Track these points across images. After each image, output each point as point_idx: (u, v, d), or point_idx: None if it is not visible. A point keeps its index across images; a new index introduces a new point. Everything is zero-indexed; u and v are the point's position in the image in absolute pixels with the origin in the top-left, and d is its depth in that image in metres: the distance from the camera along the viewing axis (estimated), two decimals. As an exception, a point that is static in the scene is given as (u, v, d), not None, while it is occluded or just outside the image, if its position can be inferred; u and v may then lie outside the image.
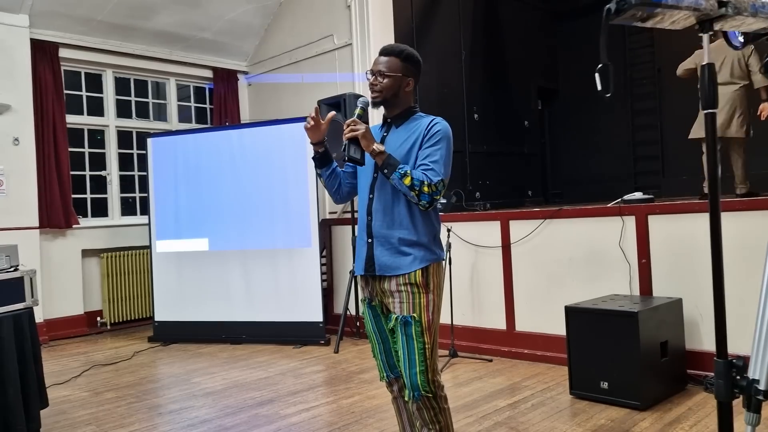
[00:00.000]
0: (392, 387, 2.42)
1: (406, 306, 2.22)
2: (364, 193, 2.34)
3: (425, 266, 2.25)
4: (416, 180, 2.14)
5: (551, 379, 4.04)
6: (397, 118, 2.34)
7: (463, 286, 4.91)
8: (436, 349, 2.28)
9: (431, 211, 2.28)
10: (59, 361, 5.12)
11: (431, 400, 2.24)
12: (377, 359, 2.42)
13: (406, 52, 2.32)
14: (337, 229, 6.08)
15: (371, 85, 2.30)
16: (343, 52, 6.23)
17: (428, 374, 2.22)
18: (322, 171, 2.41)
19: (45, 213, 5.99)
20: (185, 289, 5.82)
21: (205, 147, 5.86)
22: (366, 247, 2.30)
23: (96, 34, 6.41)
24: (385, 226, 2.26)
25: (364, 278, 2.36)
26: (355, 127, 2.17)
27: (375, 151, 2.17)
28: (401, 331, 2.23)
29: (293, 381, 4.29)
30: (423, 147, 2.24)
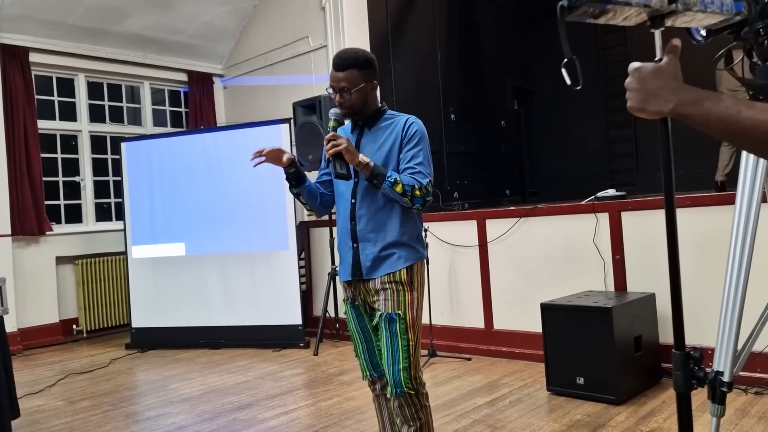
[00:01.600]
0: (374, 386, 2.43)
1: (391, 303, 2.24)
2: (344, 198, 2.33)
3: (410, 265, 2.27)
4: (407, 186, 2.15)
5: (529, 376, 4.07)
6: (369, 121, 2.34)
7: (441, 286, 4.92)
8: (419, 346, 2.30)
9: (413, 211, 2.29)
10: (33, 371, 5.03)
11: (413, 397, 2.26)
12: (360, 358, 2.42)
13: (362, 59, 2.26)
14: (315, 231, 6.07)
15: (338, 103, 2.27)
16: (318, 53, 6.22)
17: (411, 371, 2.24)
18: (300, 189, 2.38)
19: (17, 220, 5.89)
20: (162, 294, 5.76)
21: (181, 151, 5.81)
22: (351, 252, 2.30)
23: (67, 38, 6.32)
24: (369, 229, 2.27)
25: (348, 281, 2.36)
26: (336, 142, 2.13)
27: (361, 164, 2.15)
28: (385, 328, 2.24)
29: (272, 384, 4.26)
30: (404, 149, 2.25)
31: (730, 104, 0.87)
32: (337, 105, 2.27)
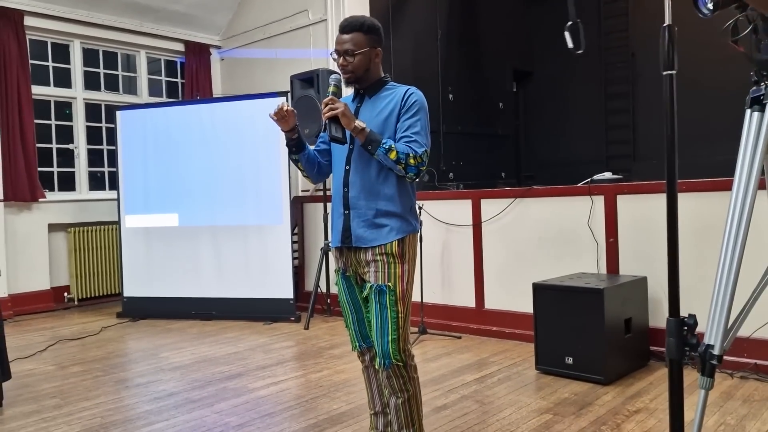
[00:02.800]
0: (364, 357, 2.44)
1: (381, 275, 2.23)
2: (339, 165, 2.33)
3: (402, 237, 2.26)
4: (401, 153, 2.14)
5: (518, 355, 4.11)
6: (370, 89, 2.33)
7: (434, 264, 4.94)
8: (408, 318, 2.30)
9: (408, 182, 2.28)
10: (24, 336, 5.03)
11: (401, 369, 2.27)
12: (350, 329, 2.43)
13: (367, 23, 2.29)
14: (309, 206, 6.05)
15: (341, 67, 2.27)
16: (317, 27, 6.16)
17: (399, 343, 2.24)
18: (299, 156, 2.37)
19: (9, 186, 5.85)
20: (154, 264, 5.76)
21: (176, 121, 5.77)
22: (342, 219, 2.29)
23: (63, 2, 6.22)
24: (362, 197, 2.26)
25: (339, 249, 2.36)
26: (333, 105, 2.14)
27: (357, 129, 2.15)
28: (375, 300, 2.24)
29: (262, 356, 4.28)
30: (402, 118, 2.23)
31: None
32: (340, 69, 2.27)
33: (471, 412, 3.08)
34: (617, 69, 8.14)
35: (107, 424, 3.05)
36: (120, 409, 3.28)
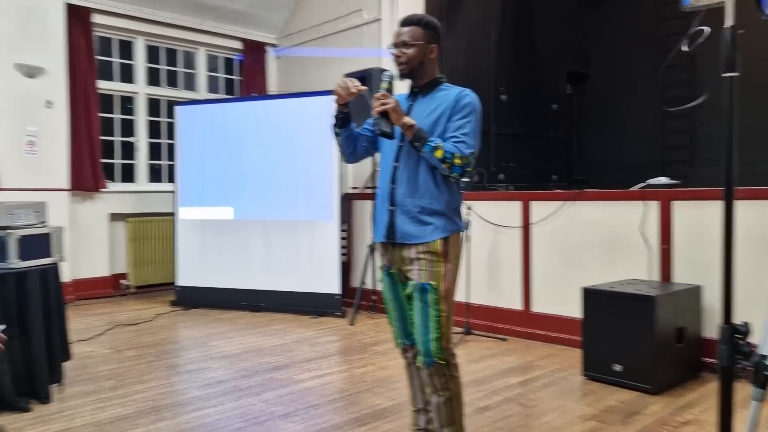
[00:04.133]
0: (406, 354, 2.46)
1: (425, 273, 2.24)
2: (387, 162, 2.35)
3: (446, 236, 2.26)
4: (448, 152, 2.15)
5: (564, 360, 4.05)
6: (424, 88, 2.35)
7: (481, 265, 4.91)
8: (451, 318, 2.31)
9: (454, 183, 2.29)
10: (84, 320, 5.26)
11: (443, 368, 2.28)
12: (393, 326, 2.45)
13: (426, 19, 2.33)
14: (358, 203, 6.11)
15: (396, 58, 2.30)
16: (371, 27, 6.21)
17: (442, 341, 2.25)
18: (341, 131, 2.41)
19: (75, 176, 6.12)
20: (207, 256, 5.93)
21: (232, 117, 5.92)
22: (387, 215, 2.32)
23: (128, 0, 6.47)
24: (408, 194, 2.27)
25: (383, 246, 2.39)
26: (384, 100, 2.17)
27: (405, 125, 2.18)
28: (418, 298, 2.26)
29: (308, 349, 4.36)
30: (452, 118, 2.24)
31: None
32: (394, 60, 2.29)
33: (514, 414, 3.06)
34: (676, 72, 7.90)
35: (159, 407, 3.17)
36: (171, 393, 3.41)
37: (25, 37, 5.72)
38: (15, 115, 5.69)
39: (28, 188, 5.61)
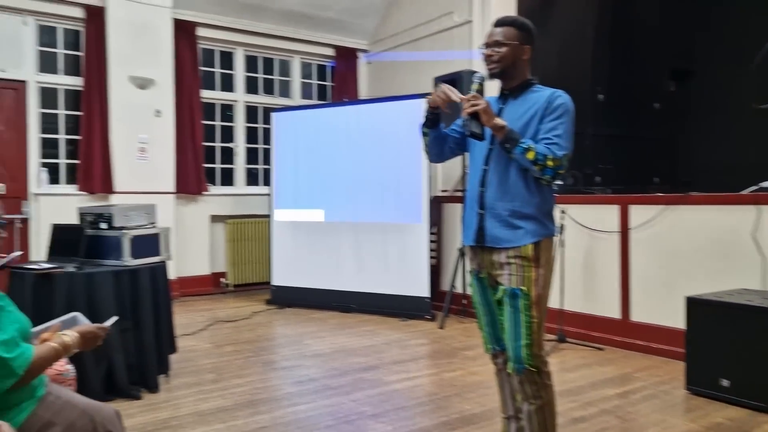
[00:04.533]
0: (497, 359, 2.42)
1: (516, 278, 2.21)
2: (477, 165, 2.33)
3: (537, 240, 2.21)
4: (540, 154, 2.11)
5: (666, 372, 3.84)
6: (515, 90, 2.31)
7: (575, 271, 4.75)
8: (543, 324, 2.25)
9: (546, 186, 2.24)
10: (187, 315, 5.57)
11: (534, 375, 2.23)
12: (483, 331, 2.43)
13: (520, 20, 2.31)
14: (448, 206, 6.09)
15: (487, 57, 2.28)
16: (462, 29, 6.18)
17: (533, 348, 2.20)
18: (430, 131, 2.41)
19: (180, 180, 6.50)
20: (300, 256, 6.11)
21: (324, 122, 6.08)
22: (477, 218, 2.29)
23: (230, 14, 6.80)
24: (498, 197, 2.24)
25: (473, 249, 2.37)
26: (475, 102, 2.15)
27: (496, 126, 2.15)
28: (508, 303, 2.22)
29: (398, 351, 4.39)
30: (545, 120, 2.20)
31: None
32: (485, 60, 2.27)
33: (611, 427, 2.94)
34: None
35: (256, 401, 3.30)
36: (267, 388, 3.54)
37: (138, 52, 6.15)
38: (129, 124, 6.13)
39: (139, 191, 6.02)
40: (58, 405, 1.81)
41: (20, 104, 5.85)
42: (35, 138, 5.92)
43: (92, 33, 5.98)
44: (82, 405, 1.85)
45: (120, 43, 6.06)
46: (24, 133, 5.86)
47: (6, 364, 1.66)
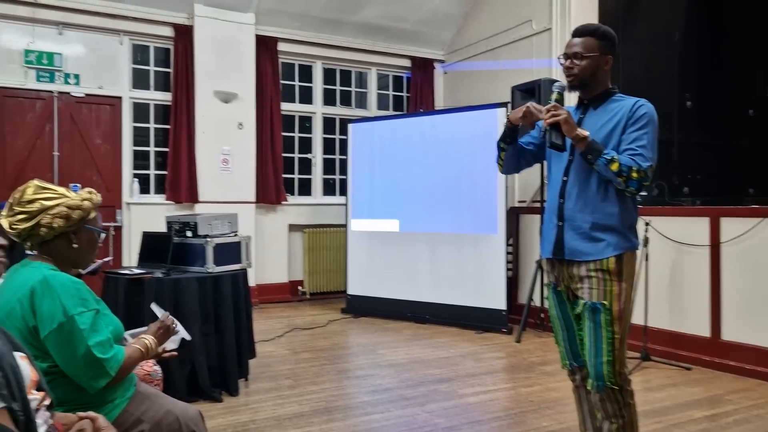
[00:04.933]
0: (574, 376, 2.35)
1: (596, 293, 2.14)
2: (556, 175, 2.28)
3: (619, 253, 2.14)
4: (624, 166, 2.04)
5: (761, 396, 3.59)
6: (595, 100, 2.25)
7: (661, 286, 4.54)
8: (625, 340, 2.17)
9: (629, 197, 2.17)
10: (266, 322, 5.73)
11: (616, 393, 2.14)
12: (560, 346, 2.36)
13: (602, 29, 2.24)
14: (526, 217, 5.97)
15: (567, 69, 2.23)
16: (541, 37, 6.07)
17: (615, 365, 2.13)
18: (508, 147, 2.37)
19: (260, 189, 6.72)
20: (375, 266, 6.16)
21: (400, 133, 6.12)
22: (555, 230, 2.25)
23: (309, 28, 6.99)
24: (578, 209, 2.19)
25: (551, 262, 2.31)
26: (555, 112, 2.11)
27: (578, 137, 2.10)
28: (589, 318, 2.15)
29: (473, 364, 4.33)
30: (628, 130, 2.13)
31: None
32: (565, 72, 2.22)
33: (700, 452, 2.78)
34: None
35: (331, 408, 3.35)
36: (342, 396, 3.58)
37: (222, 68, 6.42)
38: (213, 136, 6.40)
39: (222, 201, 6.27)
40: (147, 403, 1.91)
41: (116, 119, 6.24)
42: (128, 150, 6.29)
43: (180, 50, 6.30)
44: (168, 404, 1.94)
45: (206, 59, 6.36)
46: (119, 146, 6.24)
47: (101, 365, 1.76)
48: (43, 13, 5.78)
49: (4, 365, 1.17)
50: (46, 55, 5.84)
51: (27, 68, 5.79)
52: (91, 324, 1.79)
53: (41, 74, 5.86)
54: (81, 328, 1.75)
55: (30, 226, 1.81)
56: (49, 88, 5.90)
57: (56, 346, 1.74)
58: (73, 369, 1.75)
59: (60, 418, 1.47)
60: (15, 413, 1.16)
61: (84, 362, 1.74)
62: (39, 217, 1.81)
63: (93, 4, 5.94)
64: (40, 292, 1.75)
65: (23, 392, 1.21)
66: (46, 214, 1.81)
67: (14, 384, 1.17)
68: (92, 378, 1.76)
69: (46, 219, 1.81)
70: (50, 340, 1.74)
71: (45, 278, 1.78)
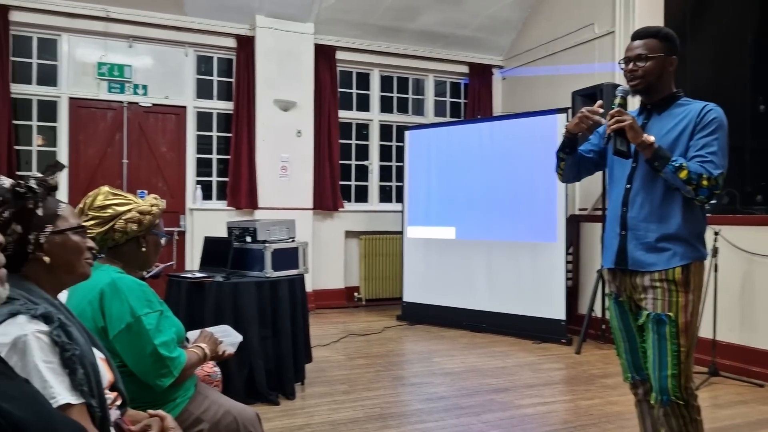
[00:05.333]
0: (637, 389, 2.28)
1: (661, 303, 2.06)
2: (619, 183, 2.22)
3: (687, 263, 2.06)
4: (693, 173, 1.97)
5: (844, 418, 3.36)
6: (659, 104, 2.18)
7: (731, 298, 4.32)
8: (691, 354, 2.08)
9: (696, 205, 2.08)
10: (322, 327, 5.79)
11: (681, 408, 2.06)
12: (621, 358, 2.29)
13: (663, 31, 2.17)
14: (587, 225, 5.82)
15: (630, 72, 2.16)
16: (603, 41, 5.92)
17: (680, 379, 2.04)
18: (567, 156, 2.32)
19: (318, 196, 6.81)
20: (431, 274, 6.13)
21: (457, 139, 6.08)
22: (618, 240, 2.18)
23: (367, 36, 7.06)
24: (642, 218, 2.12)
25: (612, 272, 2.25)
26: (620, 118, 2.05)
27: (644, 143, 2.03)
28: (653, 330, 2.08)
29: (530, 374, 4.24)
30: (696, 136, 2.05)
31: None
32: (628, 76, 2.16)
33: (774, 475, 2.62)
34: None
35: (385, 415, 3.34)
36: (396, 403, 3.57)
37: (282, 77, 6.56)
38: (273, 144, 6.54)
39: (281, 207, 6.38)
40: (207, 403, 1.96)
41: (180, 127, 6.46)
42: (192, 158, 6.50)
43: (242, 60, 6.48)
44: (227, 405, 1.98)
45: (266, 68, 6.51)
46: (183, 154, 6.46)
47: (165, 364, 1.82)
48: (115, 27, 6.07)
49: (86, 363, 1.23)
50: (117, 67, 6.12)
51: (99, 80, 6.08)
52: (157, 324, 1.86)
53: (112, 85, 6.14)
54: (147, 328, 1.82)
55: (104, 231, 1.90)
56: (120, 99, 6.18)
57: (125, 346, 1.82)
58: (141, 368, 1.82)
59: (131, 415, 1.52)
60: (93, 409, 1.21)
61: (151, 361, 1.81)
62: (113, 222, 1.90)
63: (161, 17, 6.19)
64: (109, 294, 1.83)
65: (101, 390, 1.27)
66: (119, 219, 1.90)
67: (94, 382, 1.23)
68: (158, 377, 1.82)
69: (120, 224, 1.90)
70: (119, 340, 1.82)
71: (113, 281, 1.86)
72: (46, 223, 1.32)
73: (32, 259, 1.31)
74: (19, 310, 1.19)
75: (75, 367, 1.19)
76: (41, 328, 1.19)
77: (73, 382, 1.19)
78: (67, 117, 5.99)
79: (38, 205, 1.28)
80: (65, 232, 1.36)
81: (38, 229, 1.30)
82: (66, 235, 1.36)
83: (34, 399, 0.99)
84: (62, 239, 1.35)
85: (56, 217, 1.35)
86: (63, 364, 1.19)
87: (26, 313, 1.20)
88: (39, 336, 1.18)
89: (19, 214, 1.25)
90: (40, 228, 1.31)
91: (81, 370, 1.20)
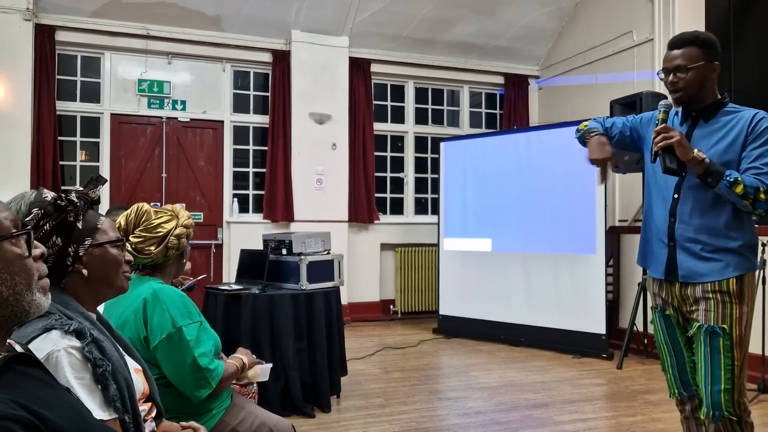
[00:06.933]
0: (684, 406, 2.19)
1: (714, 315, 1.99)
2: (665, 192, 2.15)
3: (741, 274, 1.99)
4: (750, 187, 1.90)
5: None
6: (705, 112, 2.10)
7: (783, 312, 4.14)
8: (745, 367, 2.01)
9: (745, 215, 2.01)
10: (357, 340, 5.76)
11: (734, 424, 1.98)
12: (667, 373, 2.21)
13: (702, 36, 2.08)
14: (627, 237, 5.68)
15: (671, 84, 2.08)
16: (642, 48, 5.80)
17: (734, 394, 1.96)
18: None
19: (352, 209, 6.82)
20: (468, 286, 6.05)
21: (493, 150, 6.02)
22: (666, 251, 2.11)
23: (401, 49, 7.07)
24: (691, 229, 2.05)
25: (659, 283, 2.17)
26: (668, 134, 1.99)
27: (695, 160, 1.96)
28: (704, 342, 2.00)
29: (570, 390, 4.14)
30: (749, 147, 1.98)
31: None
32: (669, 87, 2.09)
33: (834, 499, 2.48)
34: None
35: (421, 429, 3.29)
36: (432, 417, 3.52)
37: (317, 90, 6.62)
38: (308, 157, 6.59)
39: (316, 220, 6.41)
40: (242, 414, 1.95)
41: (218, 141, 6.57)
42: (229, 171, 6.60)
43: (278, 75, 6.56)
44: (263, 417, 1.98)
45: (302, 82, 6.58)
46: (220, 168, 6.55)
47: (204, 375, 1.83)
48: (155, 45, 6.22)
49: (119, 378, 1.24)
50: (157, 84, 6.27)
51: (140, 96, 6.23)
52: (197, 335, 1.87)
53: (152, 101, 6.28)
54: (188, 339, 1.84)
55: (161, 250, 1.93)
56: (159, 114, 6.32)
57: (165, 356, 1.83)
58: (180, 378, 1.83)
59: (164, 427, 1.53)
60: (126, 424, 1.22)
61: (191, 371, 1.82)
62: (167, 240, 1.93)
63: (199, 34, 6.32)
64: (151, 304, 1.86)
65: (134, 404, 1.27)
66: (171, 236, 1.94)
67: (127, 397, 1.24)
68: (196, 388, 1.83)
69: (173, 241, 1.94)
70: (160, 350, 1.83)
71: (155, 291, 1.88)
72: (85, 236, 1.34)
73: (71, 272, 1.32)
74: (53, 326, 1.21)
75: (107, 383, 1.20)
76: (74, 344, 1.20)
77: (106, 398, 1.20)
78: (108, 132, 6.15)
79: (79, 218, 1.29)
80: (104, 246, 1.37)
81: (78, 241, 1.32)
82: (105, 249, 1.37)
83: (75, 408, 0.99)
84: (101, 252, 1.36)
85: (96, 231, 1.37)
86: (95, 380, 1.19)
87: (60, 329, 1.21)
88: (71, 352, 1.19)
89: (60, 227, 1.27)
90: (80, 241, 1.32)
91: (113, 385, 1.21)
